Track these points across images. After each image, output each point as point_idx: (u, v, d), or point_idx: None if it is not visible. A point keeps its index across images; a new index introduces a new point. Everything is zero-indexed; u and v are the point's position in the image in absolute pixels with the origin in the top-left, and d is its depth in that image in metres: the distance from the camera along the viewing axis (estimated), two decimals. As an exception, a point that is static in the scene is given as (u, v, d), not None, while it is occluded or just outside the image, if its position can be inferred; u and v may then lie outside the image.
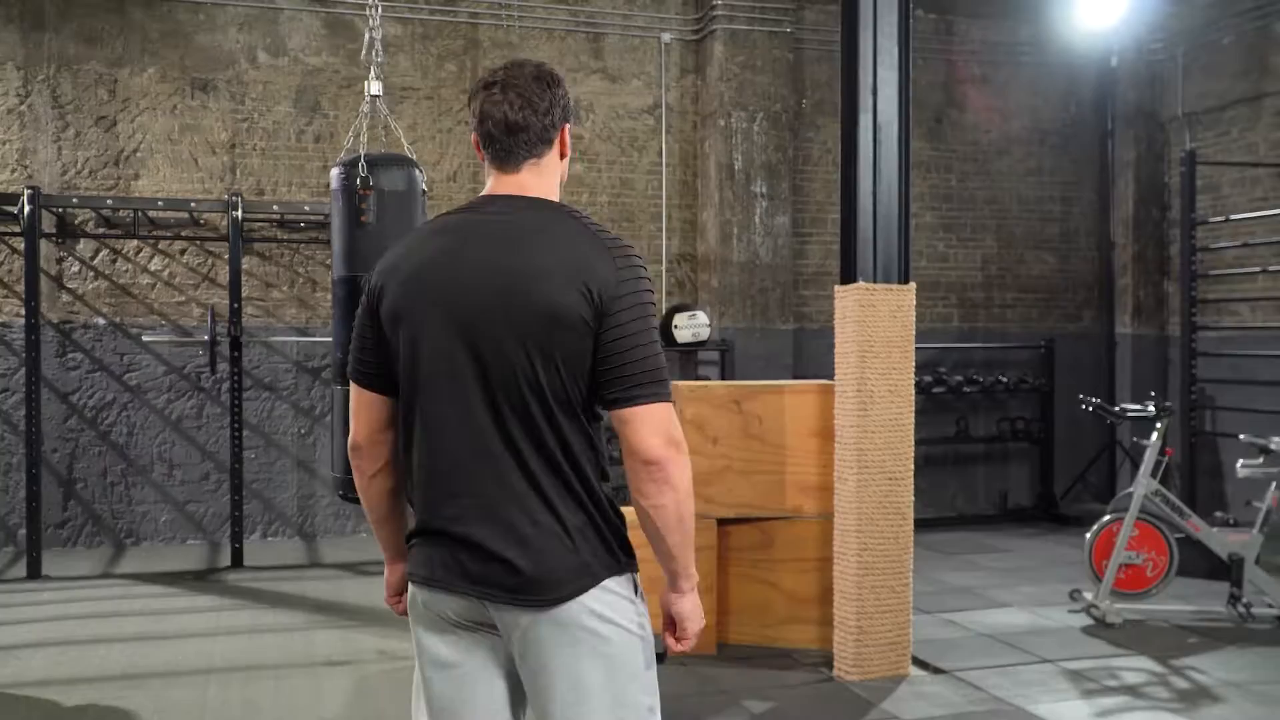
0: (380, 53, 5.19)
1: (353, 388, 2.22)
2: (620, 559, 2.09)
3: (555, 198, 2.17)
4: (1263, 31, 8.80)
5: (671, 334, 8.25)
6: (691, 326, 8.33)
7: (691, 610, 2.19)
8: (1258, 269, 8.56)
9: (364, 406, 2.21)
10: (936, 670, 5.07)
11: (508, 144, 2.13)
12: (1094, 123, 10.01)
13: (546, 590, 2.01)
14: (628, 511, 2.14)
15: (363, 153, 4.86)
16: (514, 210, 2.11)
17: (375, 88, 5.28)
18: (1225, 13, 9.06)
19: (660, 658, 2.17)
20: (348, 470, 5.17)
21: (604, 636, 2.04)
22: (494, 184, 2.17)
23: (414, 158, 5.25)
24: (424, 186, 5.09)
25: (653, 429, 2.02)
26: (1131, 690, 4.86)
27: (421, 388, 2.10)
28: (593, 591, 2.03)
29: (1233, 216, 8.62)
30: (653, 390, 2.03)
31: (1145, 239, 9.81)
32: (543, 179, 2.16)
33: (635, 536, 2.13)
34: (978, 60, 9.73)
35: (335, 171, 4.99)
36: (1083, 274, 10.07)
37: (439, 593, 2.10)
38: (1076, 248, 10.06)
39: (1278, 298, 8.60)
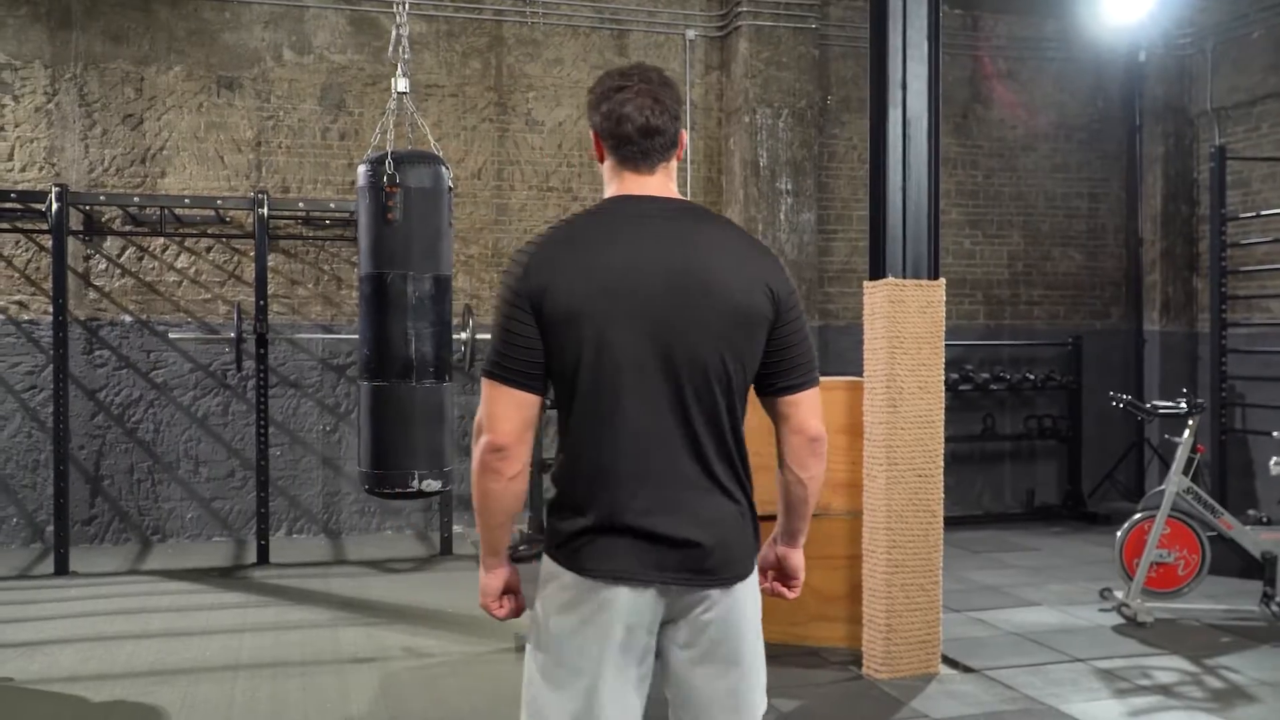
0: (407, 49, 5.19)
1: (499, 389, 2.16)
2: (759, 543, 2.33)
3: None
4: (1294, 25, 8.70)
5: None
6: None
7: (802, 562, 2.48)
8: (1289, 265, 8.47)
9: (515, 407, 2.15)
10: (966, 669, 5.03)
11: (645, 146, 2.21)
12: (1121, 118, 9.93)
13: (730, 569, 2.21)
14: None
15: (389, 150, 4.85)
16: (675, 213, 2.21)
17: (402, 84, 5.29)
18: (1254, 6, 8.96)
19: None
20: (375, 465, 5.27)
21: (756, 610, 2.32)
22: (628, 185, 2.24)
23: (440, 155, 5.24)
24: (450, 184, 5.08)
25: (813, 409, 2.30)
26: (1165, 690, 4.80)
27: (606, 386, 2.13)
28: (753, 571, 2.30)
29: (1264, 212, 8.52)
30: (814, 376, 2.31)
31: (1174, 235, 9.71)
32: (670, 181, 2.27)
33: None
34: (1004, 55, 9.66)
35: (362, 169, 4.99)
36: (1110, 270, 9.98)
37: (622, 586, 2.14)
38: (1104, 244, 9.98)
39: (1308, 294, 8.50)
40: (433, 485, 5.18)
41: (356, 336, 8.16)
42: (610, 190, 2.26)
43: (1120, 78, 9.86)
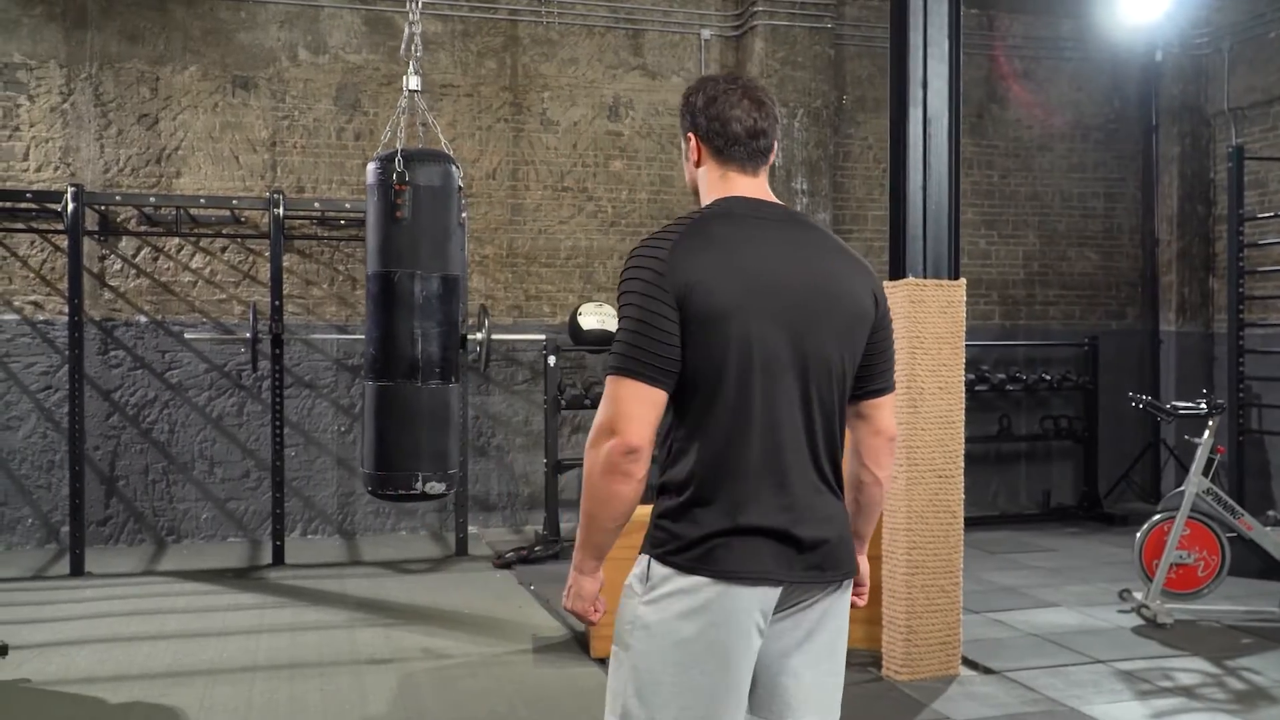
0: (419, 47, 5.17)
1: (635, 386, 2.09)
2: None
3: None
4: (1312, 24, 8.65)
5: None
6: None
7: (869, 569, 2.49)
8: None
9: (650, 405, 2.10)
10: (987, 670, 5.00)
11: (752, 148, 2.27)
12: (1138, 118, 9.89)
13: (848, 565, 2.27)
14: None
15: (399, 148, 4.83)
16: (787, 216, 2.28)
17: (414, 82, 5.25)
18: (1272, 6, 8.91)
19: None
20: (379, 466, 5.23)
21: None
22: (738, 186, 2.27)
23: (451, 154, 5.22)
24: (460, 183, 5.06)
25: (893, 410, 2.37)
26: (1187, 691, 4.77)
27: (748, 385, 2.13)
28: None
29: (1282, 212, 8.48)
30: (894, 380, 2.39)
31: (1190, 235, 9.67)
32: (768, 184, 2.33)
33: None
34: (1020, 55, 9.62)
35: (371, 166, 4.96)
36: (1126, 271, 9.94)
37: (762, 587, 2.14)
38: (1120, 244, 9.93)
39: (1327, 295, 8.45)
40: (437, 488, 5.12)
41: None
42: (716, 192, 2.28)
43: (1137, 77, 9.81)
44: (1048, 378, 9.22)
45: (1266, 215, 8.55)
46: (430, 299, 5.01)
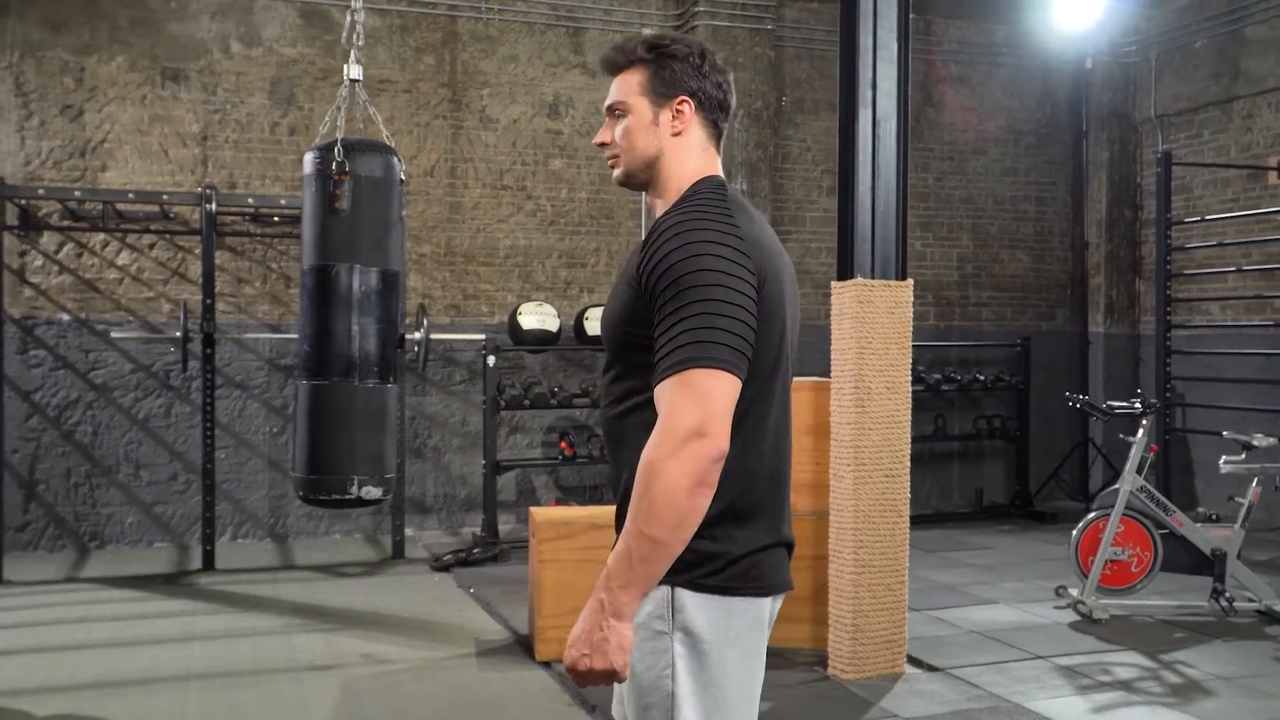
0: (361, 35, 5.04)
1: (730, 381, 1.80)
2: None
3: None
4: (1234, 35, 8.90)
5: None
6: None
7: None
8: (1229, 269, 8.65)
9: (734, 402, 1.83)
10: (931, 668, 5.04)
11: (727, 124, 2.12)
12: (1068, 124, 10.09)
13: None
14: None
15: (339, 137, 4.72)
16: None
17: (355, 71, 5.11)
18: (1198, 16, 9.16)
19: None
20: (312, 470, 5.07)
21: None
22: (715, 164, 2.09)
23: (393, 145, 5.11)
24: (402, 175, 4.94)
25: None
26: (1125, 685, 4.85)
27: (774, 383, 1.97)
28: None
29: (1208, 216, 8.71)
30: None
31: (1118, 239, 9.89)
32: None
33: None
34: (955, 60, 9.75)
35: (309, 156, 4.82)
36: (1056, 273, 10.14)
37: (781, 594, 2.03)
38: (1050, 247, 10.13)
39: (1248, 297, 8.70)
40: (373, 493, 4.91)
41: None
42: (702, 168, 2.04)
43: (1068, 84, 10.02)
44: (981, 378, 9.35)
45: (1194, 220, 8.78)
46: (369, 294, 4.85)
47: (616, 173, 2.10)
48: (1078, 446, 9.81)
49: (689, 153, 2.04)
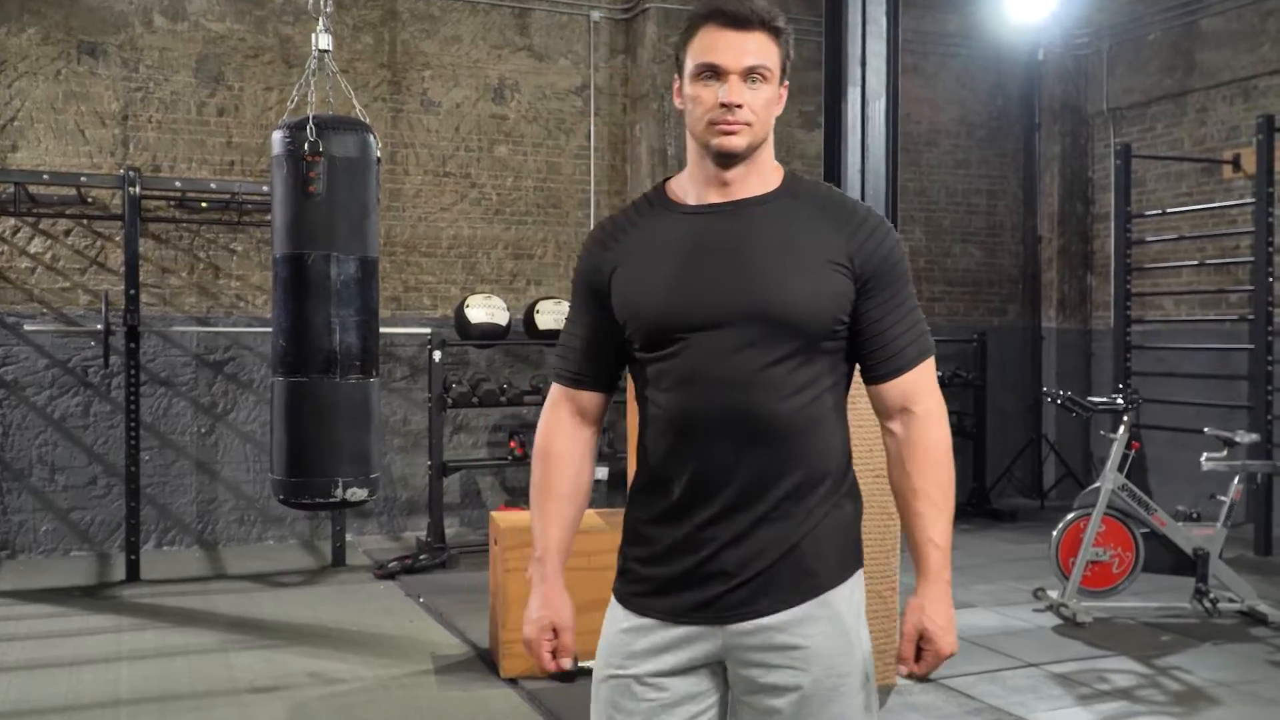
0: (329, 1, 4.63)
1: None
2: None
3: None
4: (1187, 28, 8.84)
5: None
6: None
7: None
8: (1188, 263, 8.59)
9: None
10: (923, 679, 4.78)
11: None
12: (1020, 116, 9.97)
13: None
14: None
15: (310, 114, 4.31)
16: None
17: (324, 41, 4.74)
18: (1151, 8, 9.08)
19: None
20: (292, 472, 4.69)
21: None
22: None
23: (367, 121, 4.71)
24: (379, 154, 4.57)
25: None
26: (1126, 694, 4.64)
27: None
28: None
29: (1169, 210, 8.62)
30: None
31: (1070, 233, 9.81)
32: None
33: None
34: (908, 49, 9.49)
35: (278, 135, 4.43)
36: (1008, 267, 10.02)
37: None
38: (1002, 241, 10.00)
39: (1202, 292, 8.64)
40: (358, 494, 4.62)
41: (235, 329, 7.54)
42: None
43: (1020, 76, 9.90)
44: (939, 374, 9.15)
45: (1155, 213, 8.68)
46: (348, 284, 4.56)
47: (738, 141, 1.87)
48: (1031, 443, 9.70)
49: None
